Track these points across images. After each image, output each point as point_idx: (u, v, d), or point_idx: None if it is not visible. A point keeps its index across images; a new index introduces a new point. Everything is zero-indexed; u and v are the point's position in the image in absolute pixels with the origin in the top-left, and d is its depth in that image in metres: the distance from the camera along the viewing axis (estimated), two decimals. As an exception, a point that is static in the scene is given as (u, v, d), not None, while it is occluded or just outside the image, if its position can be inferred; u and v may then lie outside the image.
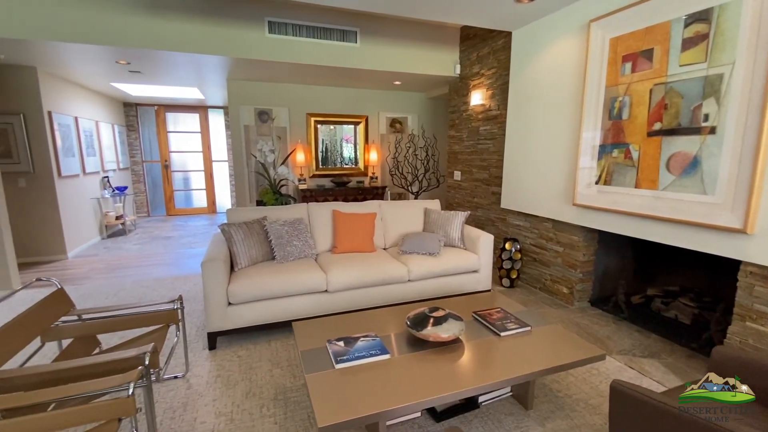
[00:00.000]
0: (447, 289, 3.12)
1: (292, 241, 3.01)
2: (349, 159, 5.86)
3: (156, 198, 7.89)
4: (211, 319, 2.50)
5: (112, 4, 3.37)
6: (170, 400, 2.03)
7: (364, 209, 3.43)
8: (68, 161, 4.86)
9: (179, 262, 4.66)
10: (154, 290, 3.66)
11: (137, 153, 7.50)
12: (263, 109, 5.27)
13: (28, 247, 4.54)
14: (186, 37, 3.62)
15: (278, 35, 3.92)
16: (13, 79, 4.26)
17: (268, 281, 2.59)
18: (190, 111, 7.81)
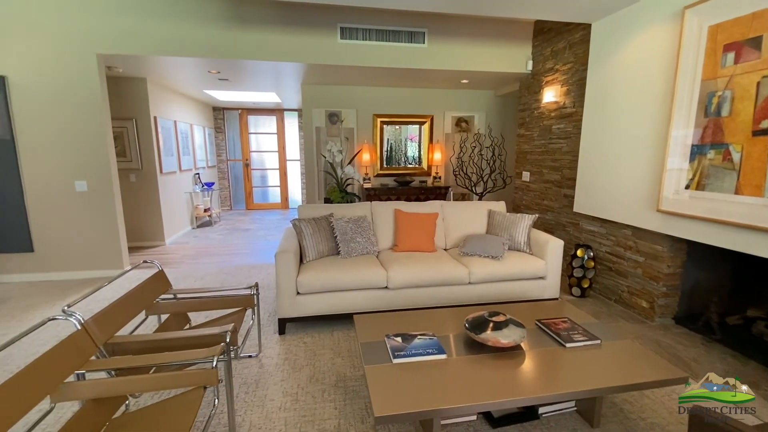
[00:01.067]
0: (509, 294, 3.03)
1: (356, 238, 3.14)
2: (413, 158, 5.90)
3: (237, 193, 8.67)
4: (282, 306, 2.72)
5: (207, 21, 3.79)
6: (245, 377, 2.26)
7: (425, 209, 3.46)
8: (168, 159, 5.57)
9: (256, 252, 5.09)
10: (234, 276, 4.05)
11: (223, 152, 8.31)
12: (333, 111, 5.53)
13: (134, 233, 5.29)
14: (267, 46, 3.94)
15: (349, 40, 4.09)
16: (127, 89, 4.99)
17: (333, 275, 2.74)
18: (269, 114, 8.44)
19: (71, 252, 3.97)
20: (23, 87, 3.63)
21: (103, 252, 4.03)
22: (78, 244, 3.97)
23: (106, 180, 3.91)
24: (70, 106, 3.73)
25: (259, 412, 1.96)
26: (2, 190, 3.70)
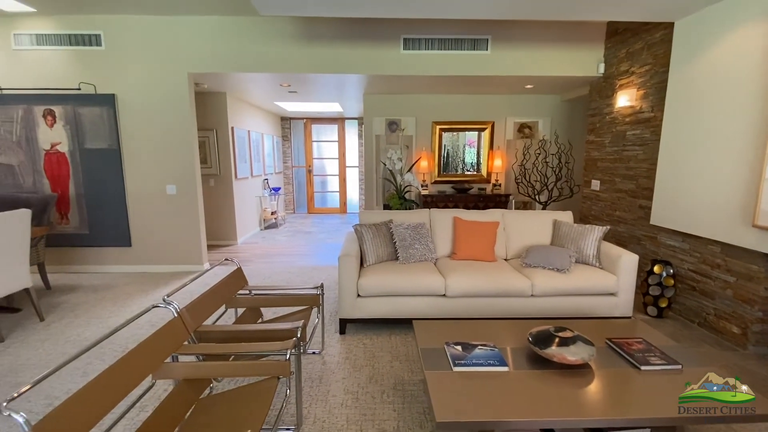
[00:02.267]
0: (575, 310, 2.88)
1: (414, 244, 3.19)
2: (471, 165, 5.83)
3: (300, 198, 9.16)
4: (343, 307, 2.84)
5: (282, 40, 4.10)
6: (309, 372, 2.40)
7: (486, 217, 3.41)
8: (242, 166, 6.06)
9: (317, 254, 5.34)
10: (298, 276, 4.30)
11: (288, 159, 8.84)
12: (393, 119, 5.66)
13: (211, 232, 5.82)
14: (334, 60, 4.16)
15: (412, 51, 4.18)
16: (210, 103, 5.53)
17: (392, 279, 2.81)
18: (331, 123, 8.83)
19: (161, 248, 4.48)
20: (127, 103, 4.20)
21: (186, 248, 4.50)
22: (166, 241, 4.47)
23: (191, 184, 4.37)
24: (164, 120, 4.24)
25: (323, 407, 2.08)
26: (109, 193, 4.30)
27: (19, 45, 4.07)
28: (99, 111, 4.13)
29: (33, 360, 2.57)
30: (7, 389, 2.25)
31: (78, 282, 4.13)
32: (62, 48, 4.08)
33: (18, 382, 2.32)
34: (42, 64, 4.11)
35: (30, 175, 4.21)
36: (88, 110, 4.13)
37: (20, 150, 4.18)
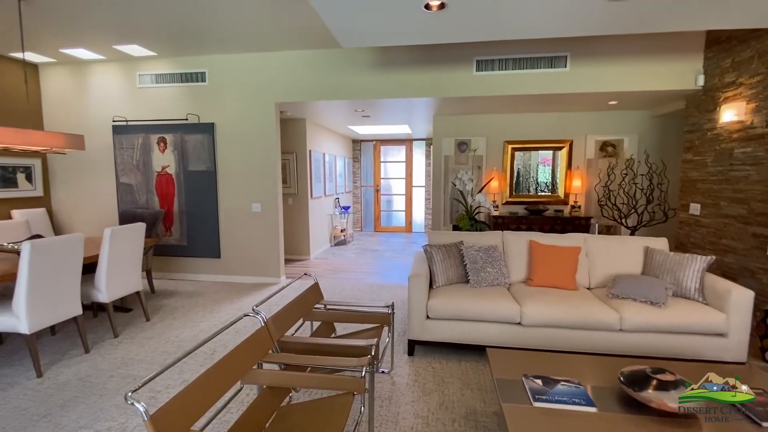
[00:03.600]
0: (674, 349, 2.55)
1: (486, 268, 3.10)
2: (545, 185, 5.54)
3: (367, 216, 9.43)
4: (412, 328, 2.84)
5: (357, 68, 4.36)
6: (379, 391, 2.42)
7: (566, 242, 3.21)
8: (317, 186, 6.45)
9: (384, 272, 5.42)
10: (366, 294, 4.39)
11: (358, 179, 9.20)
12: (462, 139, 5.63)
13: (287, 247, 6.22)
14: (407, 85, 4.31)
15: (485, 72, 4.17)
16: (292, 128, 6.01)
17: (463, 303, 2.75)
18: (399, 144, 9.05)
19: (244, 260, 4.90)
20: (224, 131, 4.73)
21: (267, 262, 4.85)
22: (250, 254, 4.87)
23: (273, 203, 4.75)
24: (253, 144, 4.70)
25: (393, 428, 2.07)
26: (205, 210, 4.84)
27: (142, 84, 4.83)
28: (201, 138, 4.71)
29: (140, 355, 2.93)
30: (119, 380, 2.59)
31: (176, 288, 4.66)
32: (175, 85, 4.76)
33: (128, 374, 2.66)
34: (158, 99, 4.83)
35: (144, 194, 4.91)
36: (192, 137, 4.74)
37: (138, 172, 4.90)
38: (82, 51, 4.46)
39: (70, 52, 4.51)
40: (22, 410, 2.25)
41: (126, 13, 3.46)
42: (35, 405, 2.30)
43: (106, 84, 4.92)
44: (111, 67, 4.88)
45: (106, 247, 3.10)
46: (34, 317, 2.58)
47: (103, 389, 2.47)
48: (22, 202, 4.86)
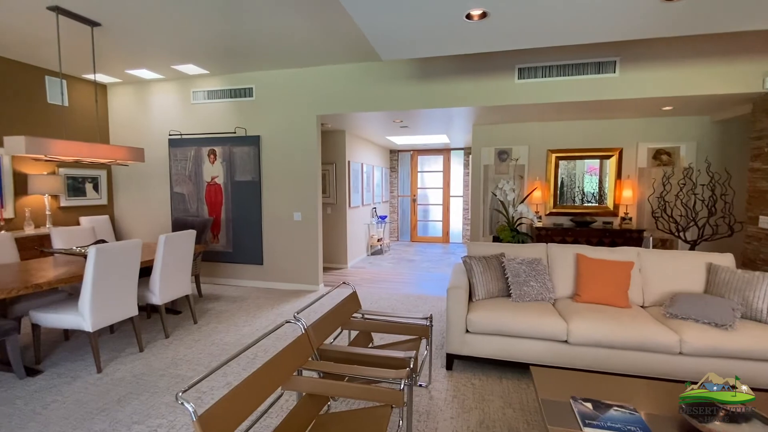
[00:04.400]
0: (742, 377, 2.30)
1: (529, 281, 2.98)
2: (592, 195, 5.27)
3: (404, 226, 9.41)
4: (450, 342, 2.77)
5: (396, 80, 4.41)
6: (416, 404, 2.37)
7: (617, 256, 3.02)
8: (355, 196, 6.54)
9: (420, 283, 5.37)
10: (402, 304, 4.36)
11: (395, 189, 9.24)
12: (503, 149, 5.51)
13: (325, 256, 6.33)
14: (446, 95, 4.29)
15: (527, 80, 4.08)
16: (332, 140, 6.17)
17: (504, 318, 2.65)
18: (436, 154, 9.01)
19: (285, 267, 5.04)
20: (268, 143, 4.94)
21: (306, 269, 4.96)
22: (290, 261, 5.01)
23: (313, 212, 4.87)
24: (295, 156, 4.86)
25: (431, 444, 2.02)
26: (250, 218, 5.05)
27: (195, 100, 5.17)
28: (247, 150, 4.95)
29: (188, 356, 3.08)
30: (169, 379, 2.73)
31: (221, 292, 4.87)
32: (225, 100, 5.05)
33: (177, 374, 2.80)
34: (210, 114, 5.14)
35: (195, 203, 5.21)
36: (239, 149, 4.98)
37: (190, 182, 5.22)
38: (145, 71, 4.86)
39: (134, 73, 4.92)
40: (83, 403, 2.42)
41: (184, 36, 3.73)
42: (94, 399, 2.47)
43: (164, 101, 5.31)
44: (168, 86, 5.26)
45: (160, 252, 3.31)
46: (96, 316, 2.79)
47: (155, 387, 2.61)
48: (88, 210, 5.33)
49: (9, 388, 2.59)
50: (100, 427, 2.19)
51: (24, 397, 2.49)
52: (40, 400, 2.45)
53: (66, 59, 4.37)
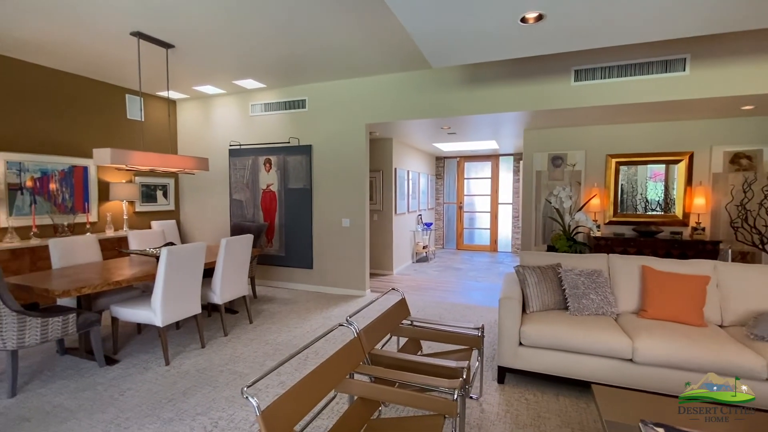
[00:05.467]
0: None
1: (589, 294, 2.81)
2: (657, 203, 4.88)
3: (449, 233, 9.28)
4: (502, 354, 2.68)
5: (444, 86, 4.40)
6: (467, 417, 2.32)
7: (689, 269, 2.77)
8: (401, 203, 6.58)
9: (467, 292, 5.25)
10: (449, 313, 4.29)
11: (441, 196, 9.16)
12: (557, 154, 5.28)
13: (371, 262, 6.40)
14: (496, 100, 4.21)
15: (584, 82, 3.89)
16: (379, 147, 6.27)
17: (561, 332, 2.52)
18: (484, 160, 8.82)
19: (334, 272, 5.16)
20: (319, 151, 5.12)
21: (353, 275, 5.05)
22: (338, 266, 5.13)
23: (361, 219, 4.96)
24: (344, 164, 4.99)
25: (484, 459, 1.96)
26: (301, 224, 5.24)
27: (253, 112, 5.50)
28: (300, 158, 5.17)
29: (245, 354, 3.24)
30: (228, 375, 2.89)
31: (274, 294, 5.09)
32: (280, 112, 5.32)
33: (235, 370, 2.95)
34: (266, 125, 5.44)
35: (251, 209, 5.52)
36: (292, 158, 5.22)
37: (247, 189, 5.54)
38: (209, 87, 5.26)
39: (200, 89, 5.35)
40: (154, 392, 2.63)
41: (245, 53, 4.00)
42: (163, 389, 2.67)
43: (225, 113, 5.70)
44: (229, 99, 5.65)
45: (221, 254, 3.54)
46: (166, 312, 3.04)
47: (215, 382, 2.77)
48: (159, 215, 5.82)
49: (91, 374, 2.88)
50: (168, 415, 2.36)
51: (104, 383, 2.76)
52: (117, 387, 2.70)
53: (143, 78, 4.84)
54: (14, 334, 2.54)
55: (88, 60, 4.24)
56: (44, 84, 4.42)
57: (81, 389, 2.66)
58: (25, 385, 2.71)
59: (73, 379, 2.80)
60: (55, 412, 2.40)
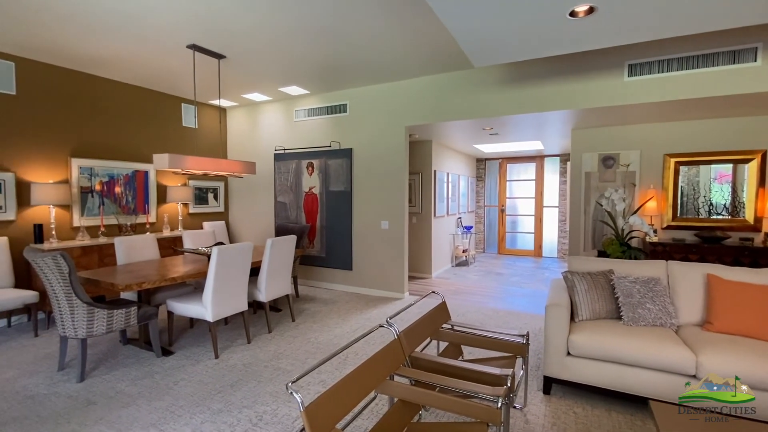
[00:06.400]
0: None
1: (645, 303, 2.62)
2: (723, 207, 4.46)
3: (490, 237, 9.05)
4: (548, 364, 2.56)
5: (485, 86, 4.31)
6: (511, 427, 2.23)
7: (762, 279, 2.50)
8: (440, 205, 6.51)
9: (509, 298, 5.08)
10: (491, 319, 4.17)
11: (481, 199, 8.96)
12: (608, 154, 4.99)
13: (410, 265, 6.38)
14: (541, 99, 4.06)
15: (640, 77, 3.65)
16: (419, 150, 6.25)
17: (614, 343, 2.36)
18: (527, 161, 8.52)
19: (373, 274, 5.20)
20: (359, 154, 5.19)
21: (392, 277, 5.06)
22: (377, 268, 5.16)
23: (400, 221, 4.96)
24: (384, 166, 5.03)
25: (529, 472, 1.88)
26: (341, 226, 5.34)
27: (297, 118, 5.68)
28: (341, 162, 5.27)
29: (288, 351, 3.34)
30: (272, 371, 2.99)
31: (315, 294, 5.21)
32: (322, 117, 5.46)
33: (279, 366, 3.05)
34: (309, 130, 5.60)
35: (294, 210, 5.70)
36: (333, 161, 5.33)
37: (291, 192, 5.72)
38: (256, 95, 5.51)
39: (248, 96, 5.61)
40: (204, 384, 2.78)
41: (291, 61, 4.15)
42: (213, 381, 2.81)
43: (271, 119, 5.94)
44: (274, 106, 5.88)
45: (267, 254, 3.68)
46: (216, 308, 3.20)
47: (260, 377, 2.88)
48: (209, 216, 6.16)
49: (149, 364, 3.10)
50: (217, 406, 2.48)
51: (160, 372, 2.95)
52: (172, 377, 2.87)
53: (196, 88, 5.16)
54: (84, 323, 2.79)
55: (148, 72, 4.59)
56: (110, 96, 4.84)
57: (140, 377, 2.87)
58: (92, 371, 2.96)
59: (133, 368, 3.02)
60: (117, 397, 2.60)
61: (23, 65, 4.06)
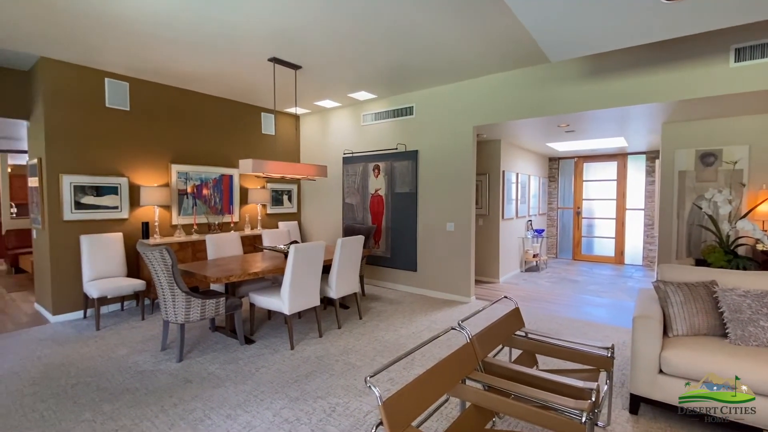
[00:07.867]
0: None
1: (758, 321, 2.28)
2: None
3: (564, 242, 8.48)
4: (636, 381, 2.34)
5: (558, 82, 4.06)
6: (592, 445, 2.08)
7: None
8: (508, 207, 6.26)
9: (585, 308, 4.72)
10: (565, 328, 3.91)
11: (554, 200, 8.44)
12: (708, 150, 4.41)
13: (476, 268, 6.22)
14: (625, 92, 3.72)
15: (750, 61, 3.19)
16: (486, 150, 6.07)
17: (718, 363, 2.08)
18: (607, 160, 7.85)
19: (437, 276, 5.16)
20: (425, 156, 5.19)
21: (457, 280, 4.98)
22: (442, 271, 5.11)
23: (466, 223, 4.87)
24: (450, 167, 4.97)
25: (615, 496, 1.74)
26: (406, 227, 5.39)
27: (364, 122, 5.85)
28: (406, 164, 5.32)
29: (356, 347, 3.45)
30: (343, 365, 3.11)
31: (380, 293, 5.32)
32: (389, 120, 5.56)
33: (348, 361, 3.16)
34: (376, 133, 5.74)
35: (361, 212, 5.87)
36: (399, 164, 5.40)
37: (358, 194, 5.91)
38: (327, 101, 5.78)
39: (319, 104, 5.91)
40: (282, 372, 2.98)
41: (360, 67, 4.30)
42: (289, 371, 3.01)
43: (340, 124, 6.19)
44: (343, 111, 6.12)
45: (338, 253, 3.84)
46: (292, 302, 3.42)
47: (332, 370, 3.02)
48: (285, 216, 6.59)
49: (234, 350, 3.40)
50: (294, 394, 2.65)
51: (243, 359, 3.22)
52: (254, 364, 3.13)
53: (275, 98, 5.57)
54: (183, 310, 3.15)
55: (234, 85, 5.05)
56: (202, 108, 5.41)
57: (227, 362, 3.16)
58: (188, 354, 3.33)
59: (221, 352, 3.34)
60: (209, 378, 2.89)
61: (135, 85, 4.70)
